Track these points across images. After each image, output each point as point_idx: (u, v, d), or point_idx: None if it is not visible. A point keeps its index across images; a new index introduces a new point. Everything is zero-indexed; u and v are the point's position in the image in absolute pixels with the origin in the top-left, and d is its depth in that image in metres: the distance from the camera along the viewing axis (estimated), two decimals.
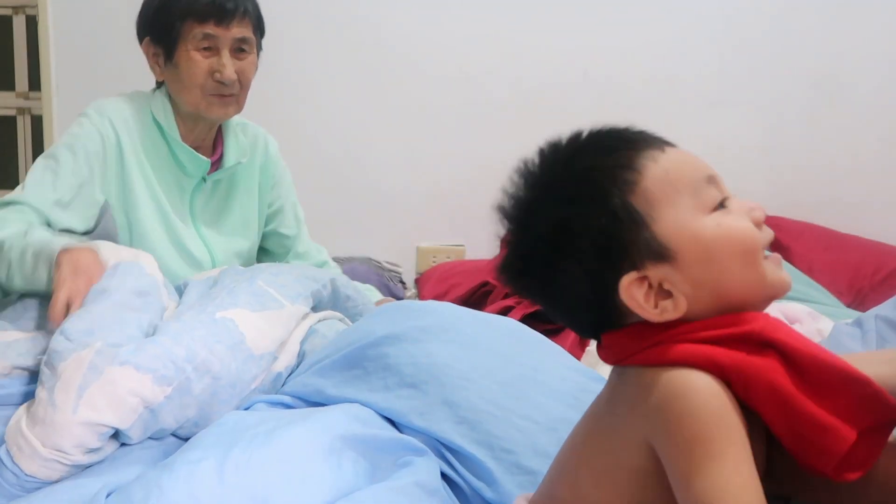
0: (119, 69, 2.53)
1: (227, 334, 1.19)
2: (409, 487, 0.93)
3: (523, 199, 0.77)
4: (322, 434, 1.00)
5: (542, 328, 1.71)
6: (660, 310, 0.71)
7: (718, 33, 2.58)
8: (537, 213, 0.75)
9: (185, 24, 1.56)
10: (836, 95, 2.62)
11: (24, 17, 2.87)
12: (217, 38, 1.56)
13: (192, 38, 1.56)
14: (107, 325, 1.14)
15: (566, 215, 0.72)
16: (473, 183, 2.59)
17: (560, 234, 0.73)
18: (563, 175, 0.75)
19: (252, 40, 1.61)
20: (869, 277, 2.30)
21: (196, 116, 1.62)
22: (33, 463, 1.02)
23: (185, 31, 1.56)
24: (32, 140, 2.91)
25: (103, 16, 2.49)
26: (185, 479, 0.91)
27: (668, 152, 0.74)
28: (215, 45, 1.57)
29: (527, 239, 0.76)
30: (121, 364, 1.06)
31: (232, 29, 1.57)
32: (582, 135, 0.77)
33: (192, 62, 1.56)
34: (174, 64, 1.58)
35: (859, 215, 2.60)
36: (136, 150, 1.59)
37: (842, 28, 2.59)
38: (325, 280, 1.45)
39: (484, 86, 2.55)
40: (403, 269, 2.53)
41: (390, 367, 1.15)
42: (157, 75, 1.64)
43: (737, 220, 0.72)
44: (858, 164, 2.64)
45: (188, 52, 1.56)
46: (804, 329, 1.57)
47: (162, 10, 1.59)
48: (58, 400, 1.03)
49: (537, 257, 0.75)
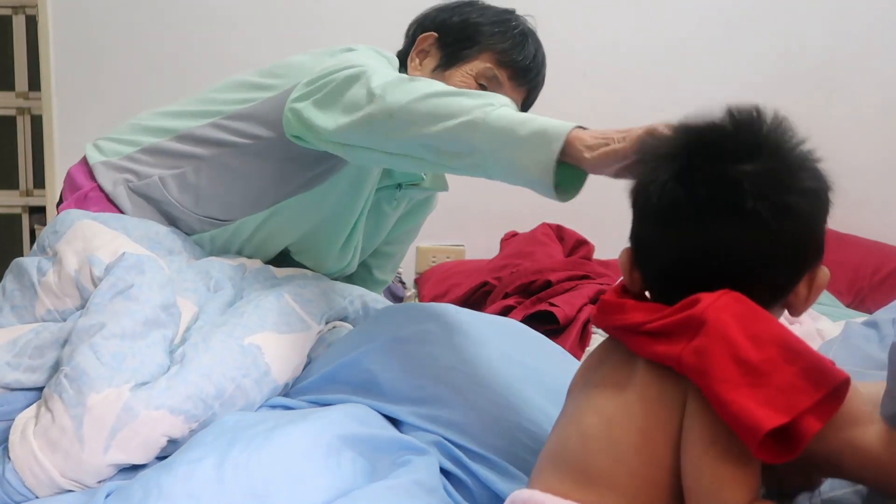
0: (119, 69, 2.54)
1: (255, 367, 1.16)
2: (408, 486, 0.93)
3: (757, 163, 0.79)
4: (321, 433, 1.00)
5: (543, 328, 1.72)
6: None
7: (718, 34, 2.58)
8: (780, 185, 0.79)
9: (484, 54, 1.47)
10: (835, 96, 2.62)
11: (23, 17, 2.87)
12: (500, 85, 1.47)
13: (481, 67, 1.47)
14: (138, 350, 1.10)
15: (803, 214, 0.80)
16: (473, 183, 2.58)
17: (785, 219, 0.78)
18: (802, 178, 0.84)
19: (526, 104, 1.53)
20: (868, 277, 2.30)
21: None
22: (48, 490, 1.01)
23: (480, 58, 1.47)
24: (32, 140, 2.91)
25: (103, 16, 2.49)
26: (184, 479, 0.91)
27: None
28: (492, 89, 1.46)
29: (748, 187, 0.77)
30: (157, 408, 1.04)
31: (517, 91, 1.49)
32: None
33: (464, 86, 1.44)
34: (444, 76, 1.47)
35: (859, 215, 2.60)
36: None
37: (842, 28, 2.59)
38: (354, 296, 1.41)
39: None
40: (403, 269, 2.53)
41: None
42: (410, 69, 1.52)
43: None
44: (858, 164, 2.64)
45: (467, 75, 1.47)
46: (804, 329, 1.57)
47: (471, 27, 1.49)
48: (87, 437, 1.00)
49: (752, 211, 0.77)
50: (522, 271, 2.01)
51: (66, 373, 1.06)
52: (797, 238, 0.78)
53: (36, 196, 2.88)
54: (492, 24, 1.50)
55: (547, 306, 1.82)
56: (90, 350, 1.07)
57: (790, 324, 1.59)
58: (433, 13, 1.56)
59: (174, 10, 2.51)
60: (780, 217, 0.76)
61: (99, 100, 2.51)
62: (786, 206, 0.77)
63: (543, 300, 1.87)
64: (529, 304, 1.88)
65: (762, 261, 0.77)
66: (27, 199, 2.88)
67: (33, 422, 1.05)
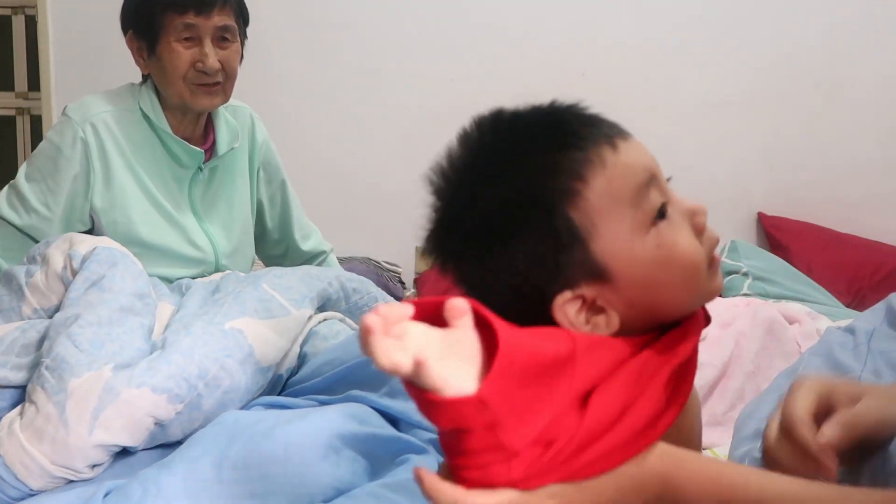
0: (118, 69, 2.53)
1: (237, 348, 1.18)
2: (408, 484, 0.93)
3: (460, 173, 0.70)
4: (320, 432, 1.00)
5: None
6: (591, 326, 0.67)
7: (718, 34, 2.58)
8: (473, 195, 0.68)
9: (165, 16, 1.54)
10: (835, 95, 2.62)
11: (23, 17, 2.87)
12: (198, 27, 1.54)
13: (173, 30, 1.54)
14: (116, 336, 1.13)
15: (502, 223, 0.66)
16: None
17: (494, 242, 0.67)
18: (507, 167, 0.67)
19: (234, 28, 1.59)
20: (868, 277, 2.30)
21: (183, 107, 1.60)
22: (40, 480, 1.02)
23: (166, 22, 1.54)
24: (32, 140, 2.91)
25: (103, 16, 2.48)
26: (183, 478, 0.91)
27: (616, 150, 0.67)
28: (197, 35, 1.55)
29: (463, 216, 0.68)
30: (138, 386, 1.05)
31: (213, 18, 1.55)
32: (532, 113, 0.70)
33: (175, 53, 1.54)
34: (157, 56, 1.56)
35: (858, 215, 2.60)
36: (123, 151, 1.57)
37: (842, 28, 2.59)
38: (331, 277, 1.44)
39: (483, 86, 2.54)
40: (403, 270, 2.53)
41: (393, 379, 1.14)
42: (142, 69, 1.63)
43: (678, 235, 0.67)
44: (858, 164, 2.65)
45: (170, 43, 1.54)
46: (803, 329, 1.57)
47: (143, 2, 1.57)
48: (70, 420, 1.02)
49: (471, 240, 0.68)
50: None
51: (47, 364, 1.08)
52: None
53: None
54: None
55: None
56: (68, 339, 1.10)
57: (790, 323, 1.59)
58: (121, 14, 1.64)
59: None
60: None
61: None
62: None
63: None
64: None
65: None
66: None
67: (19, 417, 1.06)
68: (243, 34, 1.63)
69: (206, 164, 1.66)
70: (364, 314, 0.53)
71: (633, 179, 0.66)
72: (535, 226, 0.66)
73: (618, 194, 0.66)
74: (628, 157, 0.67)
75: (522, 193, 0.66)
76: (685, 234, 0.67)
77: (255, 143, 1.78)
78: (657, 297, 0.67)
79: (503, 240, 0.66)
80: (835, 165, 2.64)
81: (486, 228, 0.67)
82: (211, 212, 1.69)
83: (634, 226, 0.66)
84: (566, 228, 0.65)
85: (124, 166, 1.57)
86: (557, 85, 2.78)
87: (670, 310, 0.68)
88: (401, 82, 2.57)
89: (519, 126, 0.70)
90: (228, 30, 1.58)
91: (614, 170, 0.66)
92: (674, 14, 2.57)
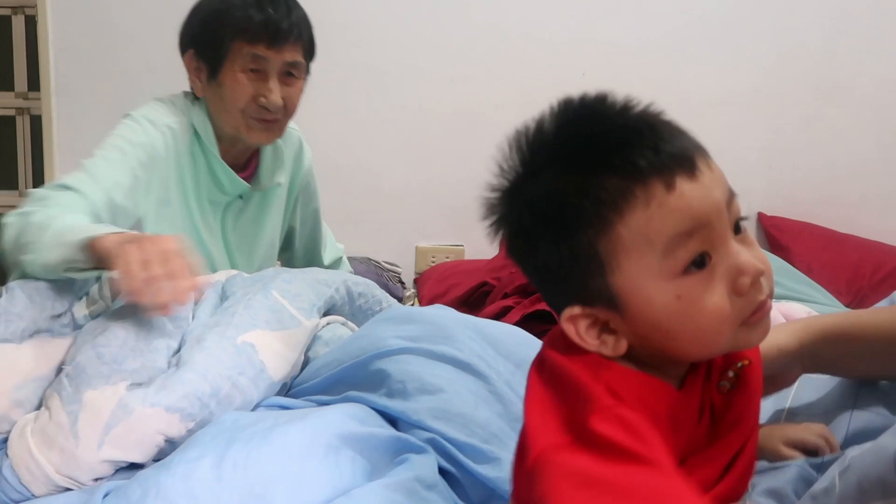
0: (118, 69, 2.54)
1: (250, 365, 1.16)
2: (407, 483, 0.93)
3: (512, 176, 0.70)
4: (320, 432, 1.00)
5: (541, 328, 1.72)
6: (599, 342, 0.66)
7: (718, 34, 2.58)
8: (518, 194, 0.68)
9: (234, 43, 1.46)
10: (835, 96, 2.62)
11: (23, 17, 2.87)
12: (266, 60, 1.47)
13: (240, 58, 1.46)
14: (139, 353, 1.11)
15: (531, 223, 0.67)
16: (472, 183, 2.57)
17: (523, 237, 0.68)
18: (556, 166, 0.65)
19: (302, 65, 1.53)
20: (868, 277, 2.30)
21: (235, 138, 1.54)
22: (44, 488, 1.01)
23: (233, 49, 1.46)
24: (31, 140, 2.91)
25: (103, 16, 2.49)
26: (182, 478, 0.91)
27: (671, 189, 0.62)
28: (263, 68, 1.48)
29: (520, 190, 0.69)
30: (151, 406, 1.04)
31: (283, 52, 1.47)
32: (613, 116, 0.66)
33: (238, 84, 1.47)
34: (218, 83, 1.49)
35: (858, 215, 2.60)
36: (181, 163, 1.51)
37: (841, 28, 2.59)
38: (338, 283, 1.42)
39: (483, 86, 2.55)
40: (402, 270, 2.53)
41: (391, 380, 1.15)
42: (197, 91, 1.54)
43: (708, 292, 0.63)
44: (857, 164, 2.64)
45: (234, 72, 1.47)
46: None
47: (210, 24, 1.49)
48: (81, 433, 1.01)
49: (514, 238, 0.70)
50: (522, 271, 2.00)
51: (68, 372, 1.07)
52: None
53: None
54: (224, 10, 1.48)
55: (545, 306, 1.82)
56: (92, 350, 1.09)
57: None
58: (182, 30, 1.55)
59: (173, 10, 2.51)
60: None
61: (98, 100, 2.51)
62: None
63: (542, 300, 1.86)
64: (528, 303, 1.88)
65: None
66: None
67: (33, 421, 1.06)
68: (307, 71, 1.57)
69: (244, 196, 1.61)
70: (367, 316, 0.53)
71: (672, 226, 0.62)
72: (566, 238, 0.64)
73: (651, 237, 0.62)
74: (680, 201, 0.62)
75: (565, 203, 0.64)
76: (717, 292, 0.63)
77: (300, 169, 1.74)
78: (667, 343, 0.65)
79: (540, 234, 0.66)
80: (834, 165, 2.64)
81: (531, 214, 0.66)
82: (240, 241, 1.65)
83: (660, 271, 0.63)
84: (591, 254, 0.64)
85: (177, 179, 1.51)
86: (557, 85, 2.79)
87: (680, 356, 0.67)
88: (401, 82, 2.57)
89: (598, 128, 0.65)
90: (296, 66, 1.52)
91: (657, 210, 0.61)
92: (674, 14, 2.57)
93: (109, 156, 1.42)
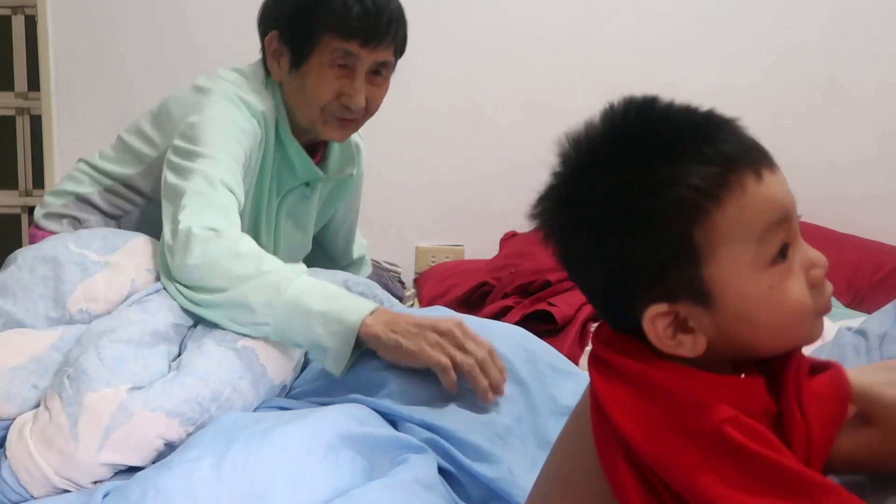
0: (118, 70, 2.54)
1: (250, 369, 1.15)
2: (407, 483, 0.93)
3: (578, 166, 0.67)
4: (320, 432, 1.00)
5: (541, 328, 1.72)
6: (675, 342, 0.64)
7: (718, 33, 2.58)
8: (586, 191, 0.66)
9: (325, 35, 1.37)
10: (835, 95, 2.62)
11: (22, 17, 2.86)
12: (357, 57, 1.39)
13: (329, 52, 1.38)
14: (141, 356, 1.11)
15: (613, 218, 0.64)
16: (473, 183, 2.59)
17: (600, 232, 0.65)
18: (644, 161, 0.64)
19: (391, 65, 1.46)
20: (868, 277, 2.30)
21: (308, 131, 1.48)
22: (43, 489, 1.01)
23: (324, 42, 1.38)
24: (31, 140, 2.90)
25: (103, 16, 2.49)
26: (182, 478, 0.91)
27: (760, 180, 0.64)
28: (352, 65, 1.40)
29: (584, 192, 0.66)
30: (152, 410, 1.04)
31: (377, 52, 1.40)
32: (687, 113, 0.68)
33: (323, 79, 1.40)
34: (301, 73, 1.41)
35: (858, 215, 2.60)
36: (266, 152, 1.45)
37: (841, 28, 2.59)
38: (338, 283, 1.40)
39: (483, 86, 2.54)
40: (402, 269, 2.53)
41: (392, 381, 1.15)
42: (275, 75, 1.45)
43: (791, 282, 0.65)
44: (858, 163, 2.64)
45: (322, 66, 1.39)
46: None
47: (303, 9, 1.39)
48: (81, 435, 1.01)
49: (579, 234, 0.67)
50: (522, 271, 2.00)
51: (69, 373, 1.07)
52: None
53: (35, 196, 2.87)
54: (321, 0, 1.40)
55: (545, 306, 1.82)
56: (94, 351, 1.09)
57: None
58: (268, 7, 1.46)
59: (173, 10, 2.51)
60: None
61: (99, 100, 2.51)
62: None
63: (542, 300, 1.86)
64: (528, 303, 1.88)
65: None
66: (26, 199, 2.87)
67: (31, 421, 1.06)
68: (394, 68, 1.50)
69: (311, 184, 1.57)
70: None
71: (765, 215, 0.64)
72: (653, 230, 0.63)
73: (747, 226, 0.63)
74: (768, 191, 0.64)
75: (652, 194, 0.63)
76: (798, 283, 0.65)
77: (357, 172, 1.72)
78: (754, 336, 0.65)
79: (617, 231, 0.64)
80: (834, 165, 2.64)
81: (603, 213, 0.65)
82: (294, 227, 1.61)
83: (753, 261, 0.63)
84: (684, 244, 0.63)
85: (256, 167, 1.44)
86: (557, 85, 2.79)
87: (762, 350, 0.67)
88: (400, 82, 2.56)
89: (670, 123, 0.66)
90: (386, 66, 1.46)
91: (751, 200, 0.63)
92: (674, 14, 2.56)
93: (231, 148, 1.34)
